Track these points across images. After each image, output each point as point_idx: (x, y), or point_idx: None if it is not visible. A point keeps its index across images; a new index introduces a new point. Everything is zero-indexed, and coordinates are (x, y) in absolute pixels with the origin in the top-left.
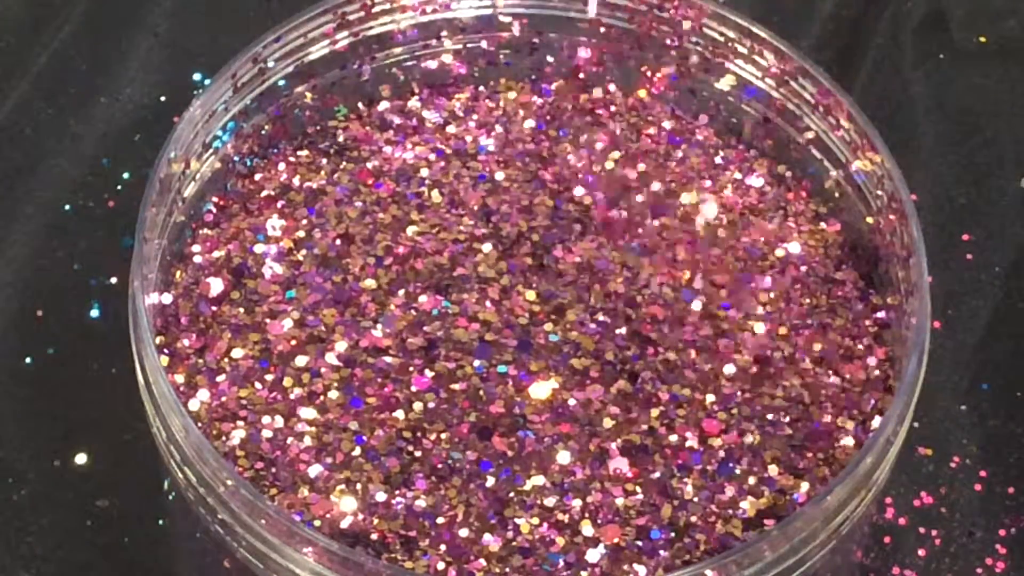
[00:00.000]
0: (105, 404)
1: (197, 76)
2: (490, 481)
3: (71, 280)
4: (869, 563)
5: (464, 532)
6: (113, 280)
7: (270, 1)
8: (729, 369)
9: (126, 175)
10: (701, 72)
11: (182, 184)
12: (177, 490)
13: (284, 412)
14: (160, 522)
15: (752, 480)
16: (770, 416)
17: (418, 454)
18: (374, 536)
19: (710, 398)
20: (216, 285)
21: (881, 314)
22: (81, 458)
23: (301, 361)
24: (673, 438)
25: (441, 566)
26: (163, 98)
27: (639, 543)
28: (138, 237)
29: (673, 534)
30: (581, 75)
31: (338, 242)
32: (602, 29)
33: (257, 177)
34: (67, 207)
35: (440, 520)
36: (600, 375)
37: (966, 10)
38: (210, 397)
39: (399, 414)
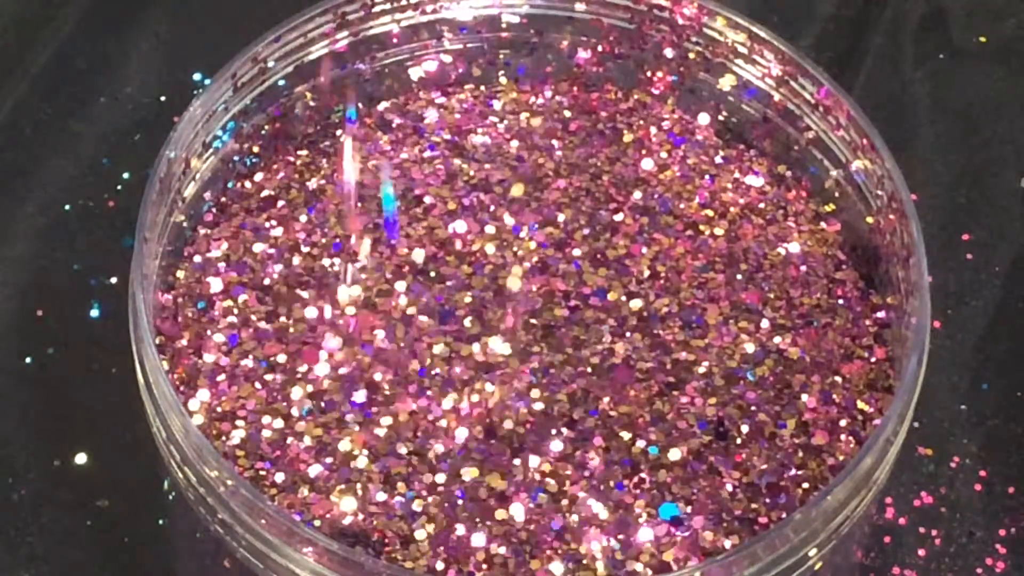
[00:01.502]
0: (105, 404)
1: (197, 76)
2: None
3: (71, 280)
4: (869, 563)
5: (464, 532)
6: (113, 280)
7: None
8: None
9: (126, 175)
10: (701, 72)
11: (182, 184)
12: (177, 490)
13: (284, 412)
14: (160, 522)
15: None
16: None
17: (418, 454)
18: (374, 536)
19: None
20: (216, 285)
21: (881, 314)
22: (81, 458)
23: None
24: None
25: (441, 566)
26: (163, 98)
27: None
28: (138, 237)
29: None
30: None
31: (337, 241)
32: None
33: (257, 177)
34: (67, 207)
35: (439, 520)
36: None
37: (966, 10)
38: (210, 397)
39: (399, 414)
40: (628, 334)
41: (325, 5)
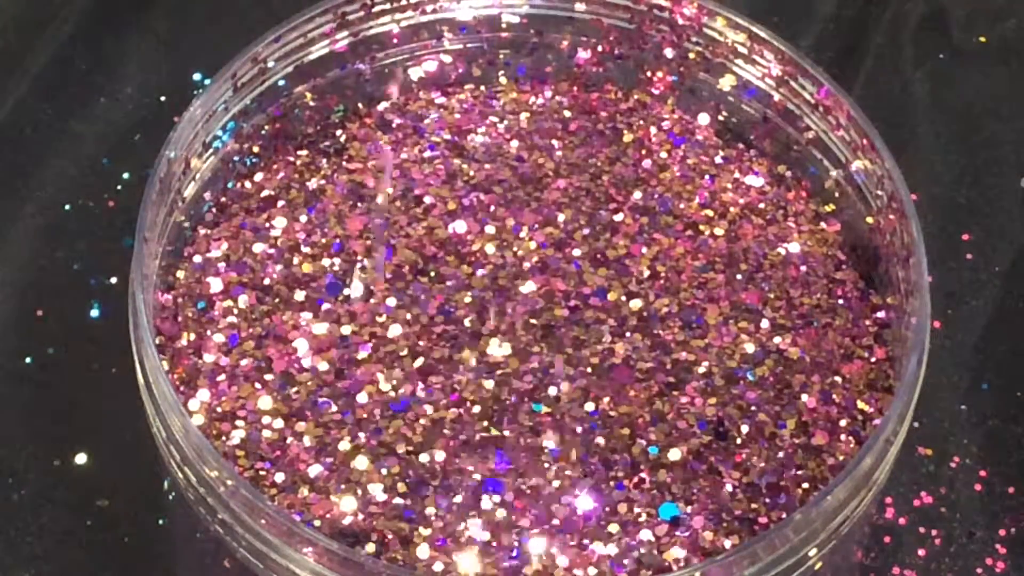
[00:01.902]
0: (105, 404)
1: (197, 76)
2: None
3: (71, 280)
4: (869, 563)
5: (463, 531)
6: (113, 280)
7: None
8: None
9: (126, 175)
10: (701, 72)
11: (182, 184)
12: (177, 490)
13: (284, 412)
14: (160, 522)
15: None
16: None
17: (419, 454)
18: (374, 536)
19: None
20: (216, 285)
21: (881, 314)
22: (81, 458)
23: (301, 361)
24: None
25: (440, 567)
26: (163, 98)
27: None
28: (138, 237)
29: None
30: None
31: (337, 241)
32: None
33: (257, 177)
34: (67, 207)
35: (439, 520)
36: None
37: (966, 10)
38: (210, 397)
39: (399, 412)
40: (628, 334)
41: (325, 5)
